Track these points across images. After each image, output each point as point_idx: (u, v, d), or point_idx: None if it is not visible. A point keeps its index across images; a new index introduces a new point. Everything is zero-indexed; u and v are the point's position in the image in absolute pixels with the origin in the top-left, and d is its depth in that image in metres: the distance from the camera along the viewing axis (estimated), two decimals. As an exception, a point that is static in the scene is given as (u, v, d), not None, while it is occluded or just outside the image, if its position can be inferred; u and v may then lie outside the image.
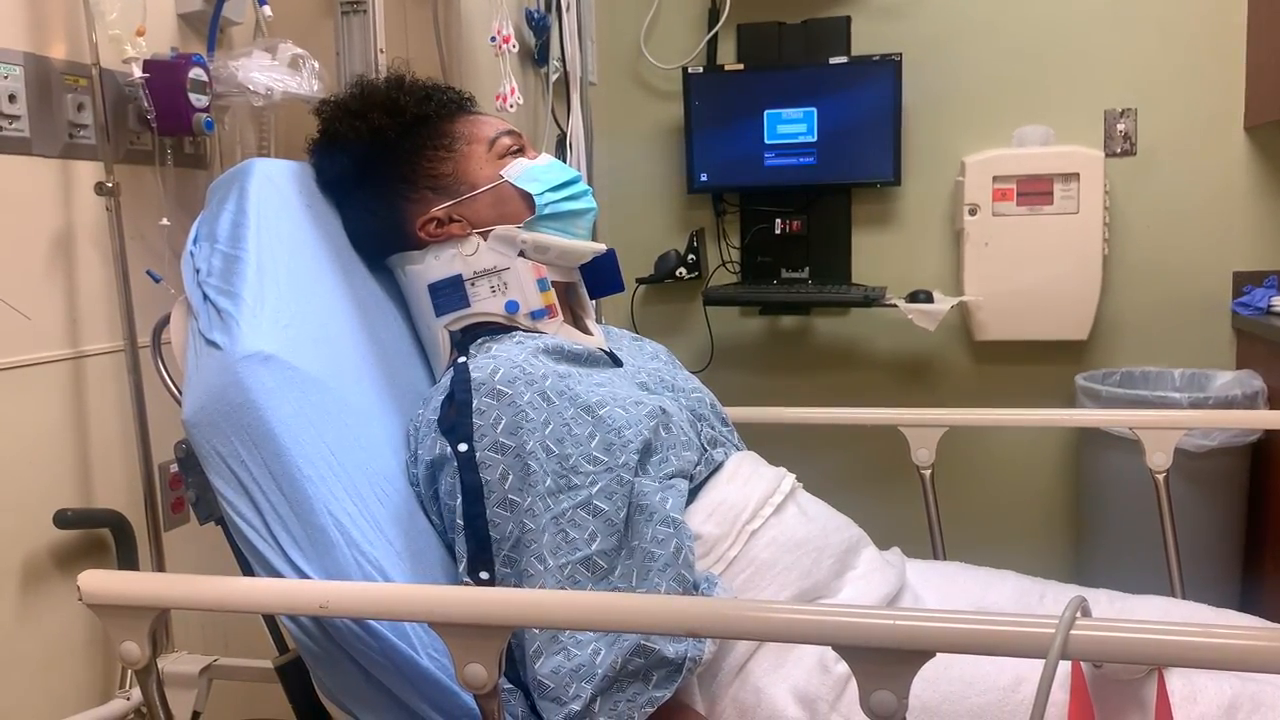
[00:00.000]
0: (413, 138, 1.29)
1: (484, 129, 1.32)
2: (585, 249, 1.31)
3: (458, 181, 1.28)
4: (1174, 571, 1.48)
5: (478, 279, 1.25)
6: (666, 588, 1.01)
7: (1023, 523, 2.87)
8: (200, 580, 0.93)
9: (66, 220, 1.71)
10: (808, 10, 2.88)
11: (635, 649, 0.96)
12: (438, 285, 1.26)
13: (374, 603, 0.89)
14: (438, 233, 1.27)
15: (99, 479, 1.77)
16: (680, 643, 0.99)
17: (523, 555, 1.02)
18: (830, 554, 1.22)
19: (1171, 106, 2.69)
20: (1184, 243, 2.71)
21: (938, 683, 1.05)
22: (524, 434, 1.05)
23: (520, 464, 1.04)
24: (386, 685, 0.97)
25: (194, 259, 1.12)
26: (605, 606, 0.86)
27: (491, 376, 1.09)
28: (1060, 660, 0.74)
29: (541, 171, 1.30)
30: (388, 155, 1.29)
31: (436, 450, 1.10)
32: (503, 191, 1.27)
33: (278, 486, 0.98)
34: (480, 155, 1.29)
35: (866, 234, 2.93)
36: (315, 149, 1.34)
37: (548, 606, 0.88)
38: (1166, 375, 2.70)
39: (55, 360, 1.69)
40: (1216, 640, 0.73)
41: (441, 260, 1.26)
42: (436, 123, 1.31)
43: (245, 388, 1.00)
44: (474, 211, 1.27)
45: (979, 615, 0.78)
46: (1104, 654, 0.76)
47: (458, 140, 1.30)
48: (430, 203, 1.27)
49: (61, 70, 1.68)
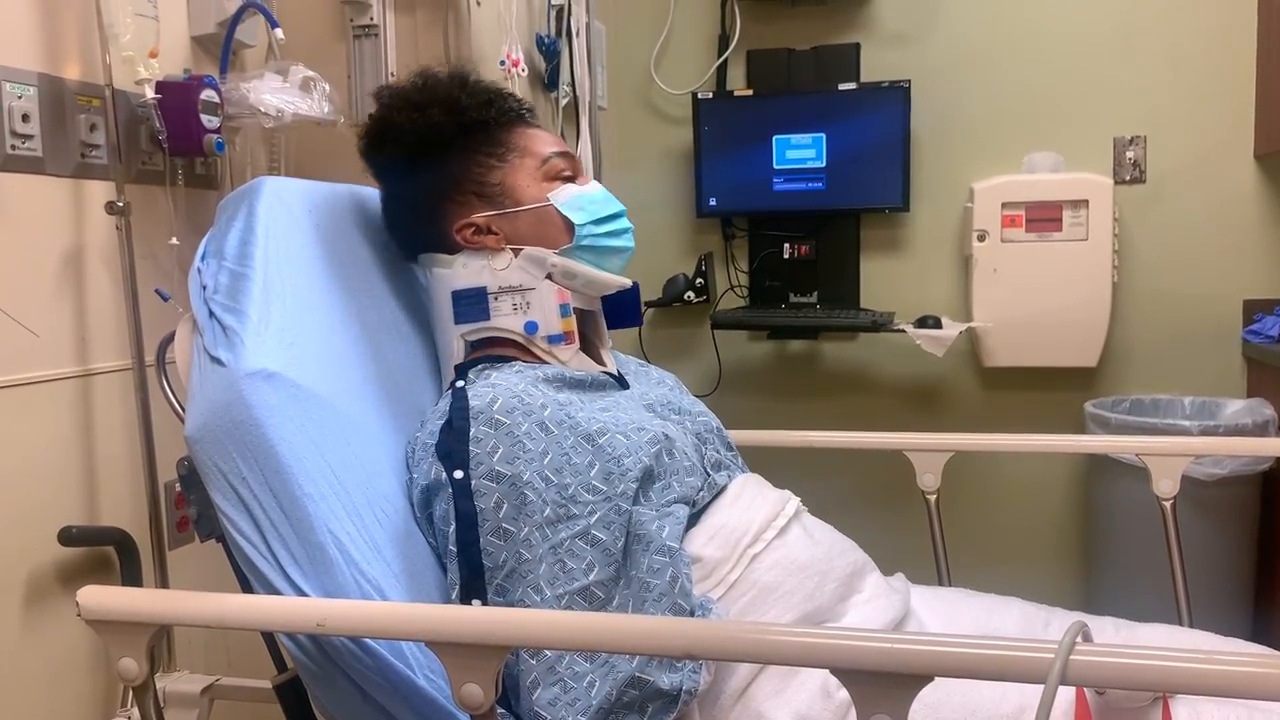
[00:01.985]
0: (467, 140, 1.28)
1: (539, 145, 1.31)
2: (611, 282, 1.30)
3: (504, 193, 1.27)
4: (1181, 600, 1.46)
5: (502, 294, 1.24)
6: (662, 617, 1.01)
7: (1031, 549, 2.85)
8: (198, 597, 0.93)
9: (77, 239, 1.73)
10: (817, 37, 2.90)
11: (630, 680, 0.96)
12: (461, 294, 1.25)
13: (371, 621, 0.89)
14: (474, 239, 1.25)
15: (105, 497, 1.78)
16: (675, 673, 0.98)
17: (517, 585, 1.01)
18: (834, 578, 1.21)
19: (1181, 134, 2.69)
20: (1194, 270, 2.70)
21: (940, 709, 1.04)
22: (521, 464, 1.05)
23: (516, 493, 1.04)
24: (383, 705, 0.97)
25: (201, 275, 1.13)
26: (602, 627, 0.86)
27: (490, 405, 1.09)
28: (1060, 686, 0.74)
29: (588, 201, 1.28)
30: (440, 153, 1.27)
31: (432, 475, 1.10)
32: (546, 214, 1.26)
33: (278, 504, 0.98)
34: (530, 171, 1.28)
35: (875, 259, 2.93)
36: (368, 132, 1.31)
37: (545, 626, 0.87)
38: (1177, 403, 2.68)
39: (63, 378, 1.70)
40: (1219, 667, 0.72)
41: (470, 269, 1.25)
42: (493, 130, 1.29)
43: (248, 405, 1.00)
44: (513, 227, 1.26)
45: (978, 639, 0.78)
46: (1104, 679, 0.75)
47: (511, 151, 1.29)
48: (473, 208, 1.26)
49: (75, 91, 1.71)
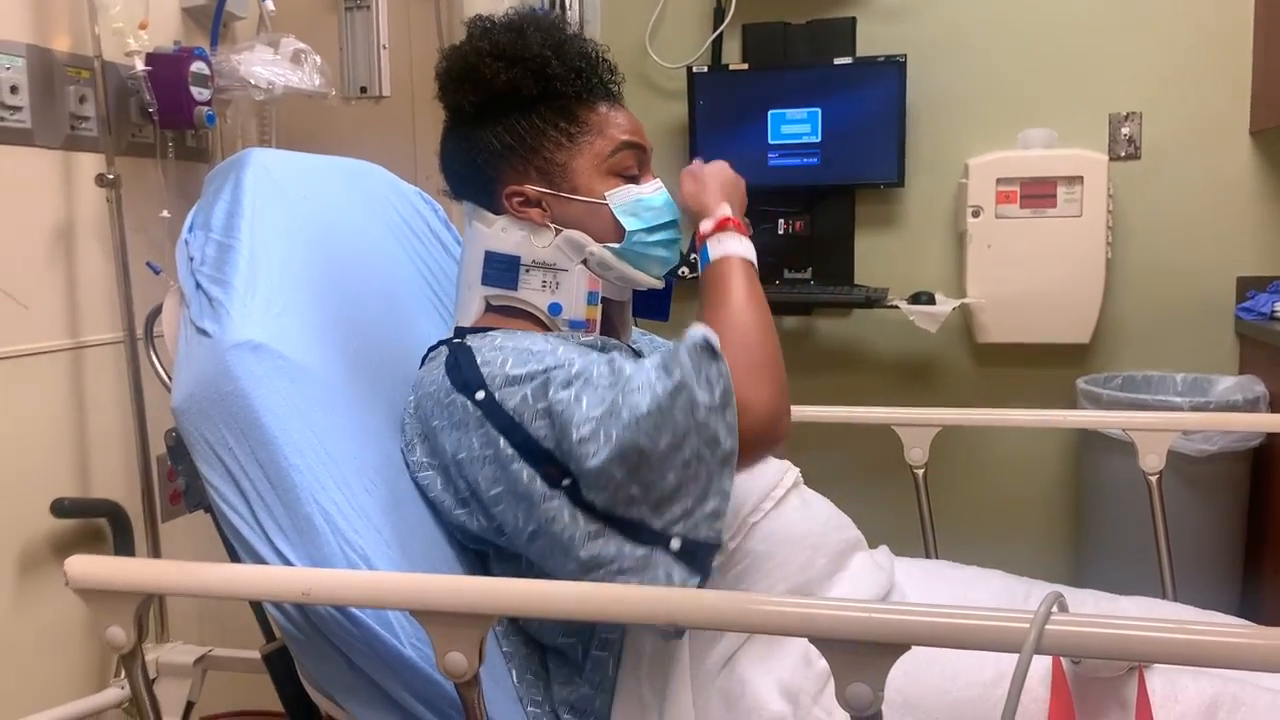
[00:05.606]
0: (545, 108, 1.23)
1: (613, 131, 1.25)
2: (645, 281, 1.26)
3: (564, 176, 1.22)
4: (1166, 574, 1.47)
5: (534, 268, 1.21)
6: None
7: (1022, 524, 2.86)
8: (185, 566, 0.93)
9: (68, 211, 1.73)
10: (813, 11, 2.88)
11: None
12: (495, 256, 1.22)
13: (355, 590, 0.90)
14: (520, 209, 1.22)
15: (97, 469, 1.79)
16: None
17: (572, 433, 0.98)
18: (825, 553, 1.22)
19: (1176, 110, 2.68)
20: (1188, 247, 2.70)
21: (920, 677, 1.05)
22: (533, 361, 1.05)
23: (539, 382, 1.03)
24: (369, 674, 0.97)
25: (188, 247, 1.12)
26: (587, 596, 0.86)
27: (490, 342, 1.11)
28: (1035, 655, 0.75)
29: (645, 207, 1.24)
30: (515, 114, 1.22)
31: (457, 415, 1.07)
32: (600, 211, 1.22)
33: (264, 474, 0.99)
34: (598, 157, 1.23)
35: (870, 235, 2.93)
36: (449, 66, 1.25)
37: (529, 596, 0.88)
38: (1169, 379, 2.69)
39: (55, 350, 1.71)
40: (1190, 637, 0.73)
41: (509, 235, 1.21)
42: (574, 105, 1.24)
43: (234, 376, 1.00)
44: (564, 209, 1.22)
45: (955, 609, 0.78)
46: (1077, 649, 0.76)
47: (585, 131, 1.23)
48: (529, 179, 1.22)
49: (64, 63, 1.70)
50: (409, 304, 1.38)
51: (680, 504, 0.97)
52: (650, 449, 0.96)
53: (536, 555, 1.05)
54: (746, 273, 1.14)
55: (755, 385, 1.01)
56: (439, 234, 1.53)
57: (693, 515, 0.97)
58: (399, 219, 1.45)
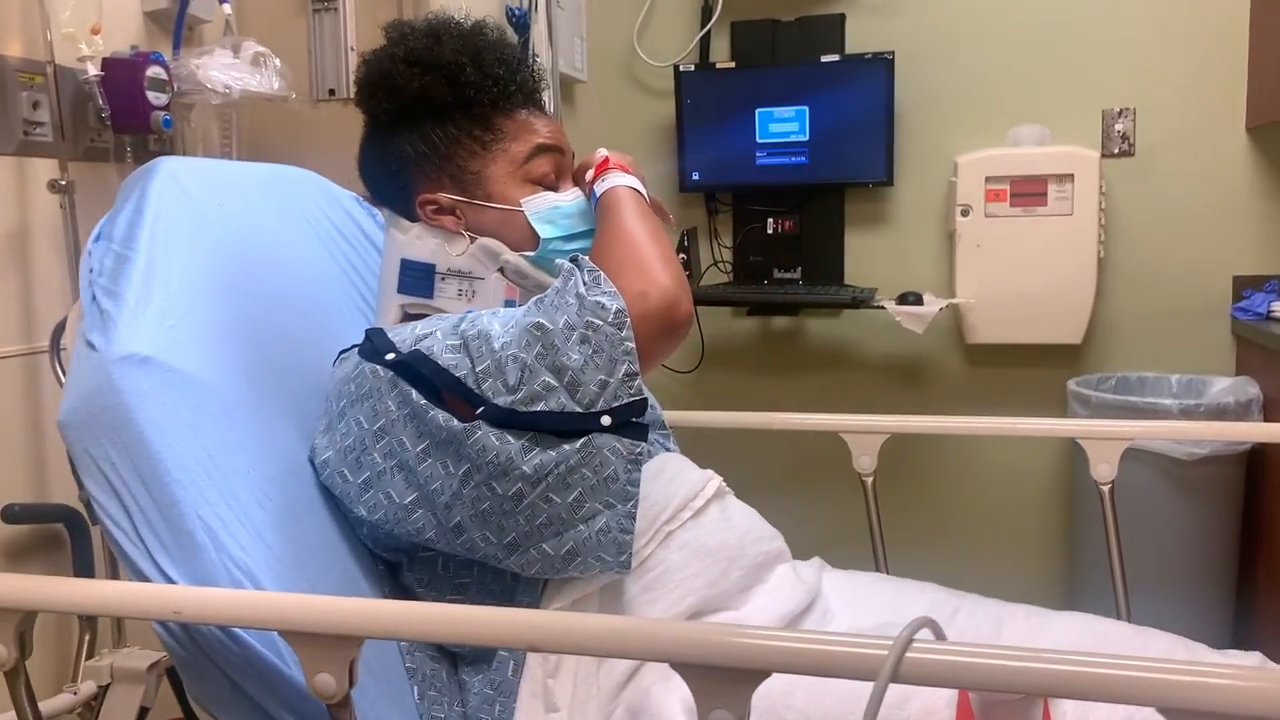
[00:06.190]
0: (459, 115, 1.21)
1: (528, 137, 1.23)
2: None
3: (478, 183, 1.21)
4: (1119, 588, 1.43)
5: (449, 277, 1.20)
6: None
7: (1015, 532, 2.81)
8: (64, 583, 0.92)
9: (22, 217, 1.73)
10: (802, 8, 2.84)
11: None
12: (410, 264, 1.21)
13: (225, 610, 0.88)
14: (433, 217, 1.21)
15: (55, 475, 1.79)
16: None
17: (486, 356, 1.04)
18: (741, 566, 1.19)
19: (1171, 106, 2.62)
20: (1183, 246, 2.64)
21: (822, 697, 1.02)
22: (444, 321, 1.11)
23: (450, 325, 1.09)
24: (250, 693, 0.96)
25: (90, 258, 1.11)
26: (445, 618, 0.84)
27: (404, 326, 1.14)
28: (890, 684, 0.72)
29: (561, 215, 1.22)
30: (427, 121, 1.21)
31: (365, 384, 1.09)
32: (515, 219, 1.21)
33: (146, 489, 0.97)
34: (513, 164, 1.22)
35: (859, 234, 2.89)
36: (365, 74, 1.24)
37: (396, 617, 0.86)
38: (1163, 381, 2.63)
39: (9, 356, 1.71)
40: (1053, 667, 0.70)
41: (424, 243, 1.20)
42: (489, 111, 1.22)
43: (117, 389, 0.99)
44: (478, 217, 1.21)
45: (813, 635, 0.76)
46: (936, 678, 0.73)
47: (500, 138, 1.22)
48: (443, 187, 1.21)
49: (16, 68, 1.70)
50: (333, 311, 1.36)
51: (594, 378, 1.01)
52: (550, 325, 1.02)
53: (471, 511, 1.04)
54: (630, 197, 1.18)
55: (645, 274, 1.06)
56: (375, 238, 1.51)
57: (609, 385, 1.02)
58: (328, 225, 1.44)
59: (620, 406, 1.02)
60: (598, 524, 1.04)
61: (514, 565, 1.07)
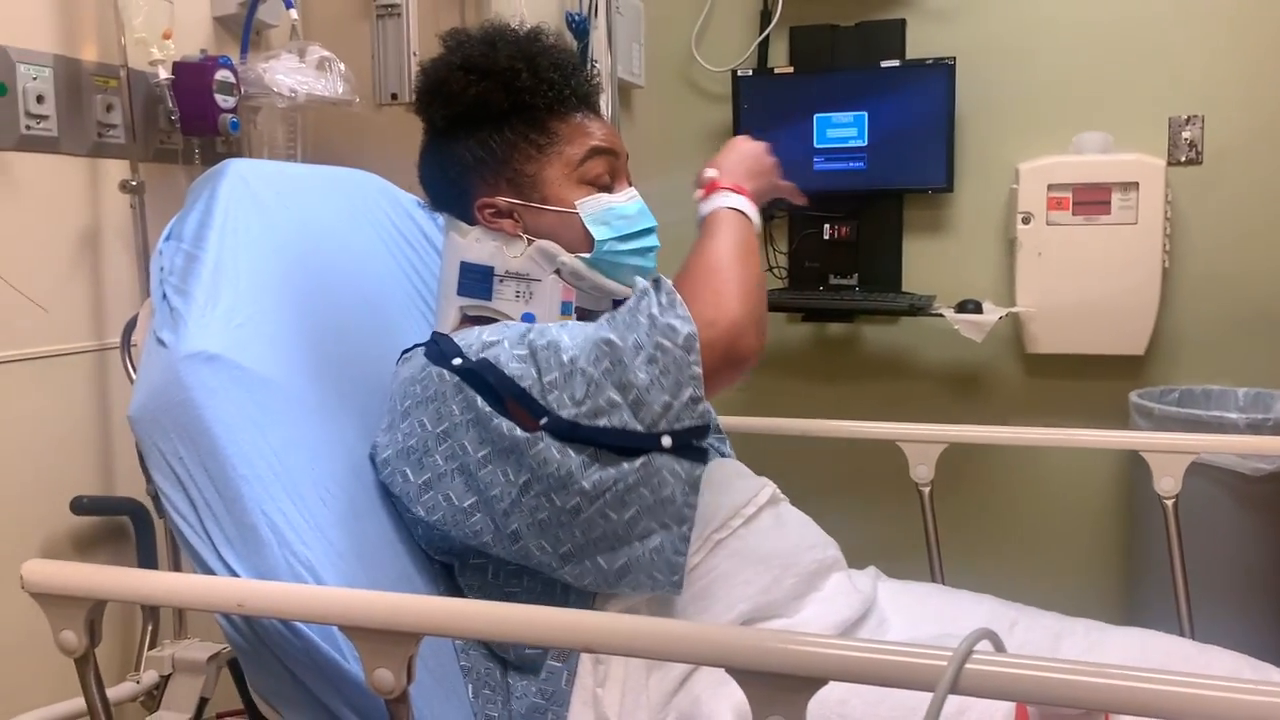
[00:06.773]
0: (515, 120, 1.23)
1: (583, 140, 1.24)
2: (619, 291, 1.24)
3: (534, 186, 1.22)
4: (1181, 604, 1.41)
5: (508, 279, 1.21)
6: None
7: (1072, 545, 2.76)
8: (133, 573, 0.95)
9: (94, 217, 1.77)
10: (862, 13, 2.83)
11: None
12: (469, 266, 1.22)
13: (288, 604, 0.90)
14: (492, 220, 1.23)
15: (121, 468, 1.83)
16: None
17: (554, 368, 1.06)
18: (795, 573, 1.19)
19: (1242, 113, 2.56)
20: (1251, 256, 2.58)
21: (879, 706, 1.01)
22: (511, 329, 1.12)
23: (518, 334, 1.10)
24: (310, 687, 0.97)
25: (161, 257, 1.14)
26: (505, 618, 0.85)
27: (470, 331, 1.15)
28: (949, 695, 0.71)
29: (617, 215, 1.23)
30: (485, 127, 1.23)
31: (432, 387, 1.10)
32: (570, 220, 1.22)
33: (212, 484, 0.99)
34: (568, 166, 1.23)
35: (918, 241, 2.86)
36: (423, 82, 1.26)
37: (455, 615, 0.87)
38: (1229, 394, 2.57)
39: (80, 352, 1.75)
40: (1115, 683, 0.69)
41: (482, 246, 1.22)
42: (544, 116, 1.24)
43: (185, 386, 1.01)
44: (535, 220, 1.22)
45: (873, 644, 0.75)
46: (996, 691, 0.72)
47: (555, 141, 1.23)
48: (499, 190, 1.22)
49: (91, 72, 1.75)
50: (395, 311, 1.38)
51: (658, 399, 1.02)
52: (619, 343, 1.04)
53: (529, 520, 1.05)
54: (730, 220, 1.18)
55: (718, 303, 1.06)
56: (435, 240, 1.53)
57: (673, 408, 1.02)
58: (390, 226, 1.46)
59: (682, 429, 1.03)
60: (652, 543, 1.04)
61: (568, 575, 1.08)
